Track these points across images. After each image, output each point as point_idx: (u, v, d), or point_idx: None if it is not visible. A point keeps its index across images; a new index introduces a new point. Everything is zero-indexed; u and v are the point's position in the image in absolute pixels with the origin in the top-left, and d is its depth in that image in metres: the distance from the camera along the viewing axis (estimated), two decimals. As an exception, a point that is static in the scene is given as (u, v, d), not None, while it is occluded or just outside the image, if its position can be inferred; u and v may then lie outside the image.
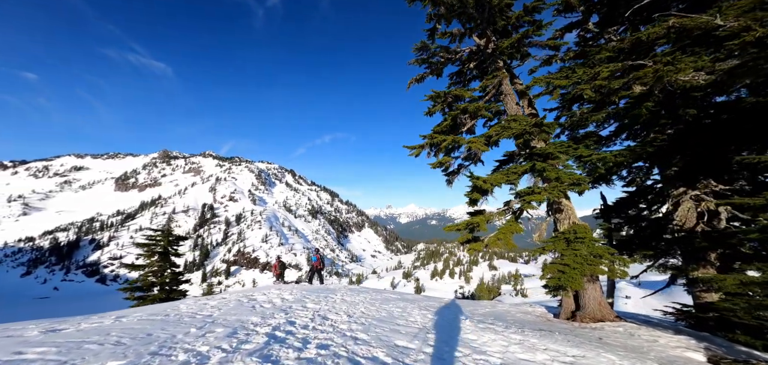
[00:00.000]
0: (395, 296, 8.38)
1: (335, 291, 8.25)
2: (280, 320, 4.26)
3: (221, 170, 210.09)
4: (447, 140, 7.12)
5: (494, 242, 6.29)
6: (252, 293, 6.37)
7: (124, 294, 12.76)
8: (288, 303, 5.61)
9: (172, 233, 14.47)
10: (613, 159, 5.64)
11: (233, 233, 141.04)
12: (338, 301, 6.35)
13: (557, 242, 6.24)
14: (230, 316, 4.30)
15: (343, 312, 5.31)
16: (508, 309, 8.07)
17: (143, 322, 3.74)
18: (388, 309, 6.08)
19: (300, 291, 7.18)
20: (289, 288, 7.70)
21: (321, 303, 5.81)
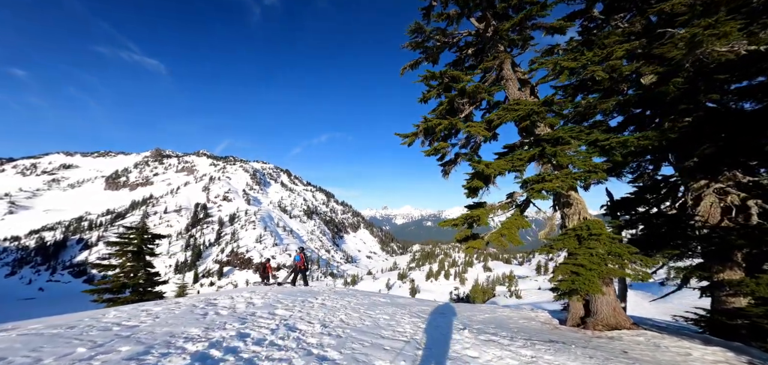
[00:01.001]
0: (384, 300, 7.55)
1: (318, 294, 7.38)
2: (228, 333, 3.40)
3: (215, 170, 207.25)
4: (443, 124, 6.32)
5: (496, 239, 5.49)
6: (216, 297, 5.49)
7: (92, 295, 11.70)
8: (253, 309, 4.74)
9: (148, 230, 13.44)
10: (635, 143, 4.90)
11: (227, 233, 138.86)
12: (316, 306, 5.50)
13: (567, 239, 5.46)
14: (161, 328, 3.42)
15: (318, 320, 4.46)
16: (509, 315, 7.29)
17: (30, 337, 2.86)
18: (374, 316, 5.25)
19: (275, 295, 6.31)
20: (265, 291, 6.83)
21: (294, 310, 4.96)
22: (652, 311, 25.41)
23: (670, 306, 27.47)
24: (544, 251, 5.83)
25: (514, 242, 5.42)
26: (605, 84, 7.64)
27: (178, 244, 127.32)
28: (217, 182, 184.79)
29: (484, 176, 5.66)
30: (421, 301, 8.71)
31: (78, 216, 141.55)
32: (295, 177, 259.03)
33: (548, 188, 4.99)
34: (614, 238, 4.95)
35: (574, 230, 5.54)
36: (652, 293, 37.19)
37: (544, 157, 5.36)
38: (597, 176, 4.94)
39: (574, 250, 5.25)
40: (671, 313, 22.87)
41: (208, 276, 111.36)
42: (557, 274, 5.01)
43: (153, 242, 13.37)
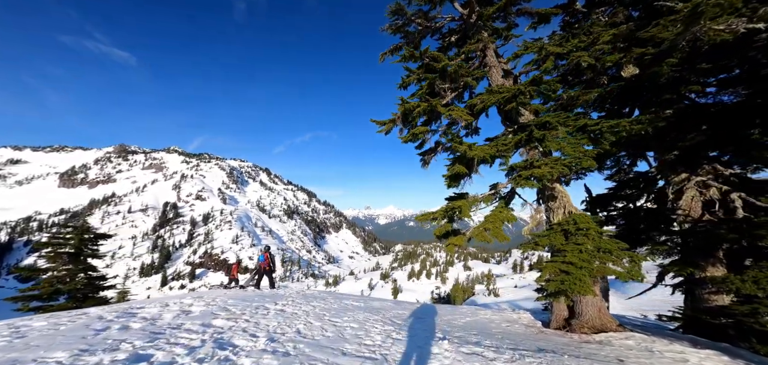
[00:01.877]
0: (358, 303, 6.80)
1: (282, 297, 6.48)
2: (114, 357, 2.50)
3: (188, 167, 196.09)
4: (421, 107, 5.67)
5: (480, 235, 4.93)
6: (141, 305, 4.46)
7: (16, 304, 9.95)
8: (183, 320, 3.81)
9: (90, 229, 11.75)
10: (627, 127, 4.50)
11: (199, 233, 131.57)
12: (271, 314, 4.64)
13: (554, 235, 5.00)
14: (11, 353, 2.47)
15: (267, 332, 3.64)
16: (490, 318, 6.79)
17: None
18: (340, 324, 4.49)
19: (226, 301, 5.36)
20: (217, 295, 5.84)
21: (240, 319, 4.08)
22: (619, 308, 26.43)
23: (639, 302, 28.86)
24: (529, 248, 5.34)
25: (498, 238, 4.88)
26: (588, 75, 7.40)
27: (144, 245, 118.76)
28: (190, 180, 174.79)
29: (467, 160, 5.08)
30: (398, 303, 8.04)
31: (26, 216, 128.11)
32: (276, 176, 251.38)
33: (538, 174, 4.49)
34: (602, 233, 4.53)
35: (560, 225, 5.09)
36: (620, 291, 39.17)
37: (532, 142, 4.87)
38: (586, 165, 4.51)
39: (562, 246, 4.78)
40: (640, 311, 23.94)
41: (179, 279, 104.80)
42: (545, 273, 4.52)
43: (96, 242, 11.70)
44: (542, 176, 4.46)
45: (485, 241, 4.91)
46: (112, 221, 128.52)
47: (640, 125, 4.55)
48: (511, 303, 43.24)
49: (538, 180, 4.54)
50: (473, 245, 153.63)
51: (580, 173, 7.12)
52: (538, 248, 5.03)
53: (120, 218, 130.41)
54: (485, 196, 5.39)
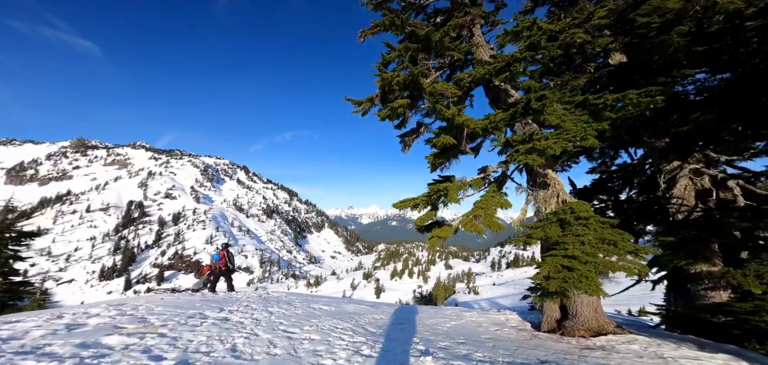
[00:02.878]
0: (328, 307, 5.88)
1: (231, 302, 5.43)
2: None
3: (156, 164, 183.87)
4: (402, 78, 4.86)
5: (469, 224, 4.21)
6: (19, 318, 3.28)
7: None
8: (50, 340, 2.71)
9: (11, 226, 9.87)
10: (635, 100, 3.94)
11: (169, 234, 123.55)
12: (206, 325, 3.63)
13: (548, 226, 4.38)
14: None
15: (184, 352, 2.66)
16: (477, 321, 6.14)
17: None
18: (297, 337, 3.58)
19: (152, 307, 4.24)
20: (146, 301, 4.67)
21: (150, 336, 3.04)
22: None
23: (616, 298, 30.07)
24: (520, 242, 4.71)
25: (491, 226, 4.19)
26: (578, 60, 6.97)
27: (104, 247, 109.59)
28: (158, 177, 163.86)
29: (455, 129, 4.34)
30: (376, 306, 7.21)
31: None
32: (254, 174, 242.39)
33: (540, 147, 3.80)
34: (604, 222, 3.97)
35: (555, 214, 4.48)
36: None
37: (528, 114, 4.21)
38: (590, 142, 3.90)
39: (560, 239, 4.16)
40: (613, 307, 24.71)
41: (145, 281, 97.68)
42: (544, 269, 3.86)
43: (19, 242, 9.85)
44: (545, 149, 3.79)
45: (475, 231, 4.20)
46: (67, 221, 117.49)
47: (649, 98, 4.02)
48: (491, 301, 43.90)
49: (541, 154, 3.87)
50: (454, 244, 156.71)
51: (570, 159, 6.65)
52: (531, 242, 4.40)
53: (76, 218, 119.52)
54: (474, 180, 4.68)
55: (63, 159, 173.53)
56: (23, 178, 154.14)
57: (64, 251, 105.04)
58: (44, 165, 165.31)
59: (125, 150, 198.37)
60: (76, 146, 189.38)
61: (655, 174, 6.18)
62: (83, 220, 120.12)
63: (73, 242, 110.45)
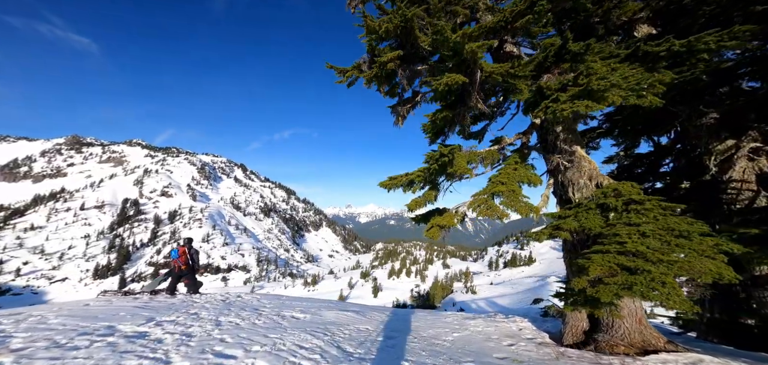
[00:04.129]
0: (301, 316, 4.79)
1: (168, 309, 4.32)
2: None
3: (152, 162, 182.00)
4: (391, 25, 3.74)
5: (484, 205, 3.12)
6: None
7: None
8: None
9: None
10: (714, 45, 2.85)
11: (165, 232, 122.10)
12: (91, 350, 2.53)
13: (583, 214, 3.31)
14: None
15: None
16: (485, 332, 5.06)
17: None
18: (239, 362, 2.50)
19: (43, 318, 3.15)
20: (50, 310, 3.57)
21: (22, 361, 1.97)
22: None
23: None
24: (545, 235, 3.63)
25: (517, 207, 3.11)
26: (600, 31, 5.89)
27: (99, 245, 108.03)
28: (154, 175, 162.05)
29: (466, 66, 3.22)
30: (363, 312, 6.14)
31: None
32: (252, 172, 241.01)
33: (600, 86, 2.67)
34: (666, 207, 2.90)
35: (593, 199, 3.40)
36: None
37: (564, 59, 3.13)
38: (647, 101, 2.79)
39: (603, 230, 3.09)
40: None
41: (139, 280, 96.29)
42: (592, 270, 2.74)
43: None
44: (605, 92, 2.67)
45: (494, 215, 3.12)
46: (60, 218, 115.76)
47: (736, 41, 2.94)
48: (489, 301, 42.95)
49: (598, 99, 2.73)
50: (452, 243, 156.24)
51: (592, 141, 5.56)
52: (559, 233, 3.33)
53: (70, 216, 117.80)
54: (487, 151, 3.59)
55: (57, 156, 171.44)
56: (17, 175, 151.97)
57: (58, 250, 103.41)
58: (38, 162, 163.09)
59: (121, 147, 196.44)
60: (70, 144, 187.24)
61: (702, 156, 5.13)
62: (77, 218, 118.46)
63: (66, 240, 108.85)
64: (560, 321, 6.57)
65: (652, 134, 6.70)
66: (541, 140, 4.47)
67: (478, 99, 3.54)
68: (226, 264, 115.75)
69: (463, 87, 3.46)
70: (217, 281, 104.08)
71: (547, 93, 3.01)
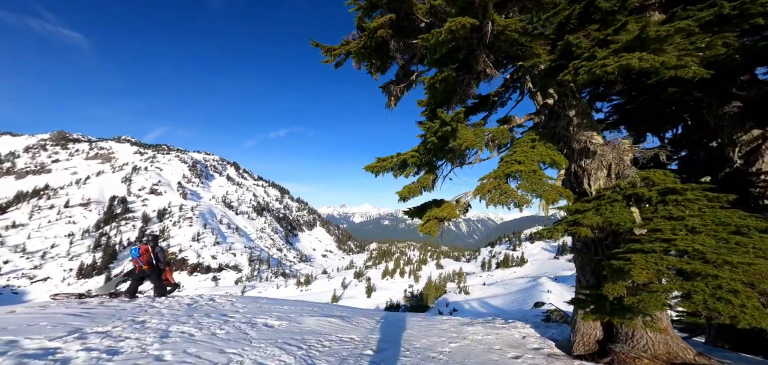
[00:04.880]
0: (276, 325, 4.14)
1: (111, 317, 3.65)
2: None
3: (141, 159, 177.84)
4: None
5: (496, 190, 2.53)
6: None
7: None
8: None
9: None
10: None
11: (153, 230, 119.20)
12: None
13: (606, 207, 2.77)
14: None
15: None
16: (485, 341, 4.50)
17: None
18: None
19: None
20: (5, 313, 2.89)
21: None
22: None
23: None
24: (559, 233, 3.08)
25: (542, 190, 2.54)
26: None
27: (84, 243, 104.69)
28: (143, 172, 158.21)
29: (474, 13, 2.63)
30: (350, 318, 5.53)
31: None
32: (245, 171, 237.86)
33: (660, 34, 2.05)
34: (713, 198, 2.37)
35: (619, 189, 2.87)
36: (571, 284, 40.27)
37: (592, 19, 2.56)
38: (691, 73, 2.25)
39: (633, 224, 2.55)
40: None
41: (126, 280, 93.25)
42: (638, 276, 2.11)
43: None
44: (660, 48, 2.06)
45: (508, 202, 2.53)
46: (43, 216, 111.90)
47: None
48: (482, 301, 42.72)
49: (656, 51, 2.12)
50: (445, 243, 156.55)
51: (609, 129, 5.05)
52: (578, 230, 2.79)
53: (54, 214, 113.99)
54: (496, 130, 2.99)
55: (42, 152, 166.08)
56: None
57: (40, 248, 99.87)
58: (22, 158, 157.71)
59: (109, 144, 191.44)
60: (56, 139, 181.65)
61: (723, 148, 4.68)
62: (61, 215, 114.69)
63: (49, 238, 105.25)
64: (566, 327, 6.06)
65: (658, 128, 6.26)
66: (551, 126, 3.94)
67: (487, 62, 2.96)
68: (217, 264, 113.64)
69: (469, 46, 2.87)
70: (207, 280, 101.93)
71: (577, 51, 2.43)
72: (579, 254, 4.05)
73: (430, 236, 2.90)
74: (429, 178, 3.08)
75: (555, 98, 3.43)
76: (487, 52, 2.95)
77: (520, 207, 2.48)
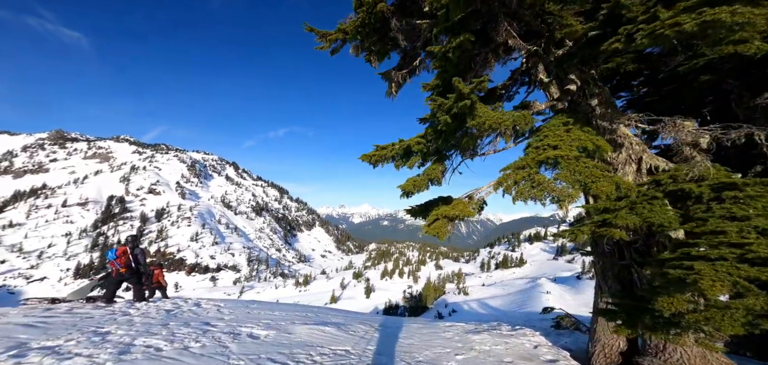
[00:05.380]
0: (262, 335, 3.72)
1: (79, 326, 3.23)
2: None
3: (140, 158, 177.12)
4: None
5: (528, 181, 2.07)
6: None
7: None
8: None
9: None
10: None
11: (151, 230, 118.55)
12: None
13: (646, 206, 2.36)
14: None
15: None
16: (495, 352, 4.08)
17: None
18: None
19: None
20: None
21: None
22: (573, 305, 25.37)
23: (586, 298, 28.72)
24: (585, 234, 2.66)
25: (590, 182, 2.10)
26: None
27: (81, 243, 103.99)
28: (142, 172, 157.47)
29: None
30: (347, 323, 5.11)
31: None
32: (244, 171, 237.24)
33: None
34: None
35: (658, 186, 2.46)
36: (570, 285, 39.84)
37: None
38: (753, 48, 1.88)
39: (682, 224, 2.14)
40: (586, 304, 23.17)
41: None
42: (706, 287, 1.70)
43: None
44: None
45: (545, 196, 2.09)
46: (41, 215, 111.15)
47: None
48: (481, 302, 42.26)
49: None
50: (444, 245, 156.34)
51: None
52: (611, 231, 2.38)
53: (51, 213, 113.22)
54: (519, 114, 2.53)
55: (40, 151, 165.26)
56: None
57: (37, 248, 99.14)
58: (20, 157, 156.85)
59: (108, 143, 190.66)
60: (54, 138, 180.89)
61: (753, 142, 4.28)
62: (59, 215, 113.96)
63: (46, 238, 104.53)
64: (580, 335, 5.64)
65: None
66: (583, 109, 3.50)
67: (510, 31, 2.51)
68: (216, 264, 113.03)
69: (489, 11, 2.42)
70: (205, 281, 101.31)
71: (629, 14, 1.99)
72: (600, 258, 3.64)
73: (439, 238, 2.47)
74: (438, 169, 2.62)
75: (577, 85, 3.01)
76: (510, 19, 2.51)
77: (560, 203, 2.05)
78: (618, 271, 3.50)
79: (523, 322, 8.51)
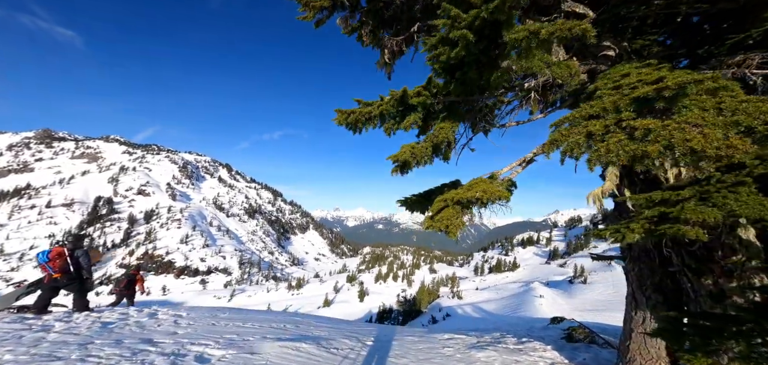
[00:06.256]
0: (216, 356, 2.96)
1: None
2: None
3: (130, 159, 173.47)
4: None
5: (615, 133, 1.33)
6: None
7: None
8: None
9: None
10: None
11: (139, 232, 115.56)
12: None
13: (729, 195, 1.71)
14: None
15: None
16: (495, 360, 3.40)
17: None
18: None
19: None
20: None
21: None
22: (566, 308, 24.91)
23: (578, 302, 28.36)
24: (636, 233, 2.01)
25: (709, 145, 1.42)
26: None
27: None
28: (131, 172, 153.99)
29: None
30: (330, 337, 4.36)
31: None
32: (237, 172, 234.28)
33: None
34: None
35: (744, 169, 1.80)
36: (562, 290, 39.42)
37: None
38: None
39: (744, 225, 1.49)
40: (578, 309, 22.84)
41: (110, 283, 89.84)
42: None
43: None
44: None
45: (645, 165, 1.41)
46: (23, 216, 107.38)
47: None
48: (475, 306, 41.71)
49: None
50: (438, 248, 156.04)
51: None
52: (679, 229, 1.73)
53: (34, 214, 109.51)
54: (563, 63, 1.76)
55: (25, 150, 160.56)
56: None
57: (18, 250, 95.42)
58: (4, 156, 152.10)
59: (96, 143, 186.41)
60: (40, 137, 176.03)
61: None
62: (42, 216, 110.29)
63: (28, 239, 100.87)
64: (599, 350, 4.98)
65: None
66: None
67: None
68: (206, 267, 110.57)
69: None
70: (195, 284, 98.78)
71: None
72: (635, 263, 2.98)
73: (448, 233, 1.70)
74: (448, 128, 1.68)
75: (616, 51, 2.38)
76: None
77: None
78: (659, 279, 2.84)
79: (527, 331, 7.85)
